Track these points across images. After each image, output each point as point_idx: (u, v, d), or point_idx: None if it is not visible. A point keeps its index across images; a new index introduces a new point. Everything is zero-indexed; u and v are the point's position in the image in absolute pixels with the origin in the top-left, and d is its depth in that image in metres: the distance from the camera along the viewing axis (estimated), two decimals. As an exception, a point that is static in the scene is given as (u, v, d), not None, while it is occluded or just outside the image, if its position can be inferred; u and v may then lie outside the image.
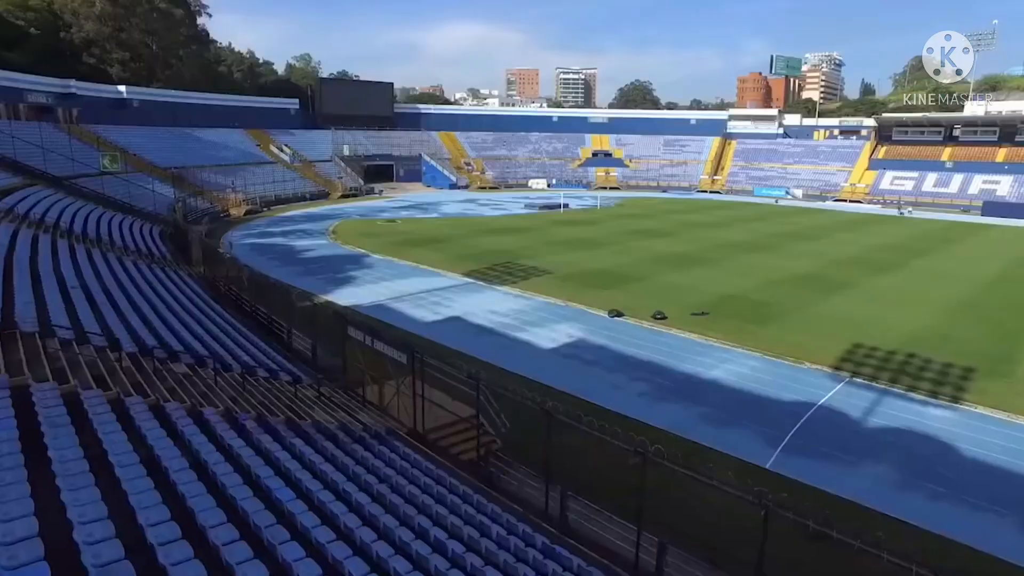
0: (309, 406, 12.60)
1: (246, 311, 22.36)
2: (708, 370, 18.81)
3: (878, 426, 15.30)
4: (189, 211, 47.81)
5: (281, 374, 14.26)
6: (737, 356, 20.10)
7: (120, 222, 35.06)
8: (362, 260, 35.01)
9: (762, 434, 14.73)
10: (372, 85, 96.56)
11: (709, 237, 43.97)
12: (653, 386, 17.55)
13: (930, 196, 72.02)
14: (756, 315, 24.53)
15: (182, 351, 13.14)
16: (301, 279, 30.09)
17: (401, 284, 29.17)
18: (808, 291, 28.65)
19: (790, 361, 19.59)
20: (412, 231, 45.29)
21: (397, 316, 23.94)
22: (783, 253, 38.44)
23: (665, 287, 28.82)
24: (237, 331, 17.83)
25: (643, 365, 19.09)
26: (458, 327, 22.73)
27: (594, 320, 23.69)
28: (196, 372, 12.19)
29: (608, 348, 20.56)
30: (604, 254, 36.79)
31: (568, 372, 18.52)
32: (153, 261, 26.59)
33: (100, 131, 57.75)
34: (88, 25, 65.77)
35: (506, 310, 24.84)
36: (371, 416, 13.31)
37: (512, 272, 31.42)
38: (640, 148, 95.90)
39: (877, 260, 36.74)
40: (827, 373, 18.74)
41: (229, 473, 7.66)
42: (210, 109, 76.26)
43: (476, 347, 20.49)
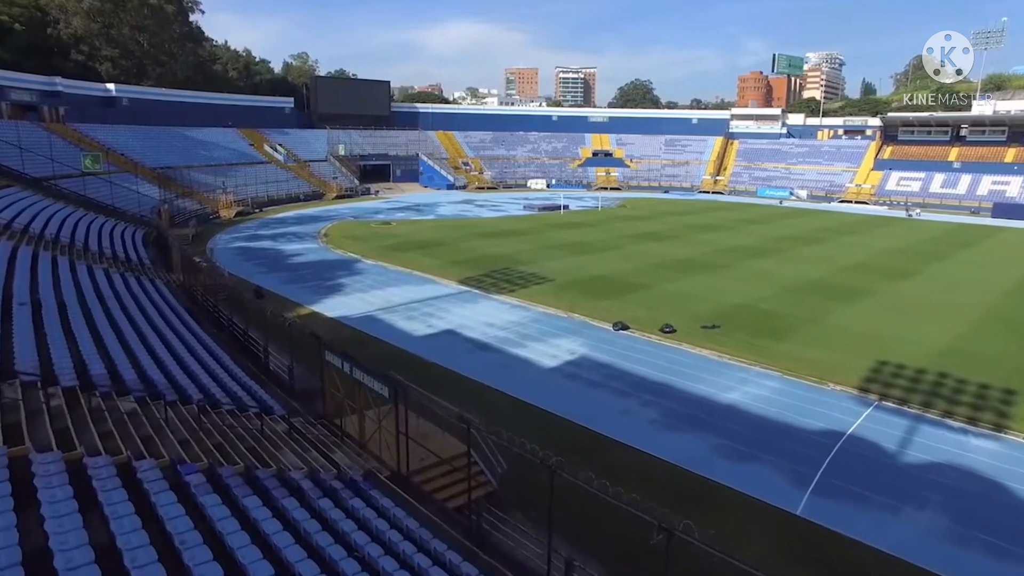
0: (277, 445, 11.02)
1: (223, 324, 20.76)
2: (723, 392, 17.24)
3: (917, 461, 13.74)
4: (176, 213, 46.21)
5: (250, 405, 12.67)
6: (753, 375, 18.53)
7: (101, 226, 33.44)
8: (353, 266, 33.40)
9: (788, 471, 13.16)
10: (368, 83, 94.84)
11: (714, 241, 42.41)
12: (664, 412, 15.97)
13: (938, 197, 70.51)
14: (770, 327, 22.97)
15: (134, 381, 11.55)
16: (287, 287, 28.51)
17: (393, 292, 27.58)
18: (822, 300, 27.09)
19: (811, 381, 18.03)
20: (407, 234, 43.70)
21: (387, 329, 22.35)
22: (792, 258, 36.88)
23: (671, 296, 27.25)
24: (208, 351, 16.22)
25: (653, 387, 17.52)
26: (452, 342, 21.14)
27: (598, 334, 22.11)
28: (146, 408, 10.60)
29: (614, 367, 18.98)
30: (606, 259, 35.21)
31: (571, 395, 16.94)
32: (128, 269, 24.96)
33: (86, 130, 56.16)
34: (76, 21, 64.01)
35: (503, 322, 23.26)
36: (349, 455, 11.74)
37: (510, 279, 29.83)
38: (641, 148, 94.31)
39: (891, 265, 35.19)
40: (853, 395, 17.17)
41: (152, 563, 6.07)
42: (203, 108, 74.60)
43: (471, 365, 18.91)
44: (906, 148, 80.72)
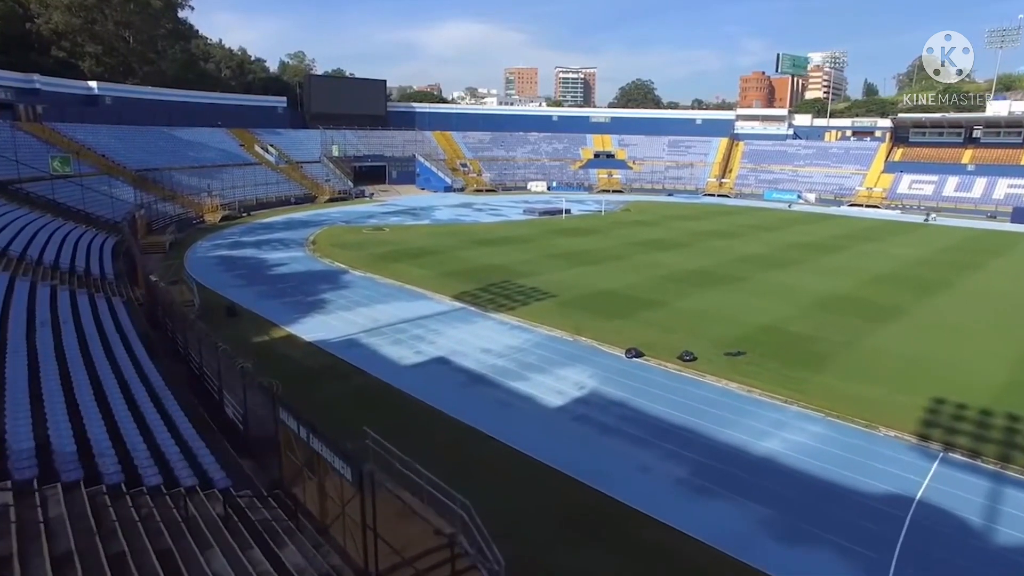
0: (205, 543, 8.45)
1: (180, 353, 18.16)
2: (759, 439, 14.69)
3: (1013, 541, 11.19)
4: (155, 218, 43.62)
5: (183, 477, 10.10)
6: (791, 417, 15.98)
7: (67, 234, 30.83)
8: (339, 278, 30.81)
9: (854, 557, 10.61)
10: (364, 82, 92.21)
11: (725, 249, 39.86)
12: (692, 468, 13.41)
13: (952, 201, 68.06)
14: (801, 354, 20.42)
15: (24, 454, 8.96)
16: (264, 303, 25.93)
17: (380, 310, 25.00)
18: (853, 318, 24.56)
19: (859, 425, 15.48)
20: (400, 241, 41.11)
21: (369, 357, 19.77)
22: (811, 269, 34.32)
23: (687, 315, 24.69)
24: (152, 393, 13.58)
25: (676, 432, 14.95)
26: (443, 373, 18.57)
27: (608, 362, 19.54)
28: (25, 499, 8.03)
29: (629, 405, 16.42)
30: (613, 271, 32.65)
31: (581, 445, 14.38)
32: (83, 285, 22.35)
33: (65, 130, 53.53)
34: (56, 16, 61.30)
35: (502, 348, 20.69)
36: (303, 547, 9.17)
37: (509, 294, 27.27)
38: (643, 149, 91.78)
39: (920, 277, 32.67)
40: (912, 445, 14.62)
41: None
42: (191, 107, 71.98)
43: (463, 404, 16.34)
44: (917, 150, 78.25)
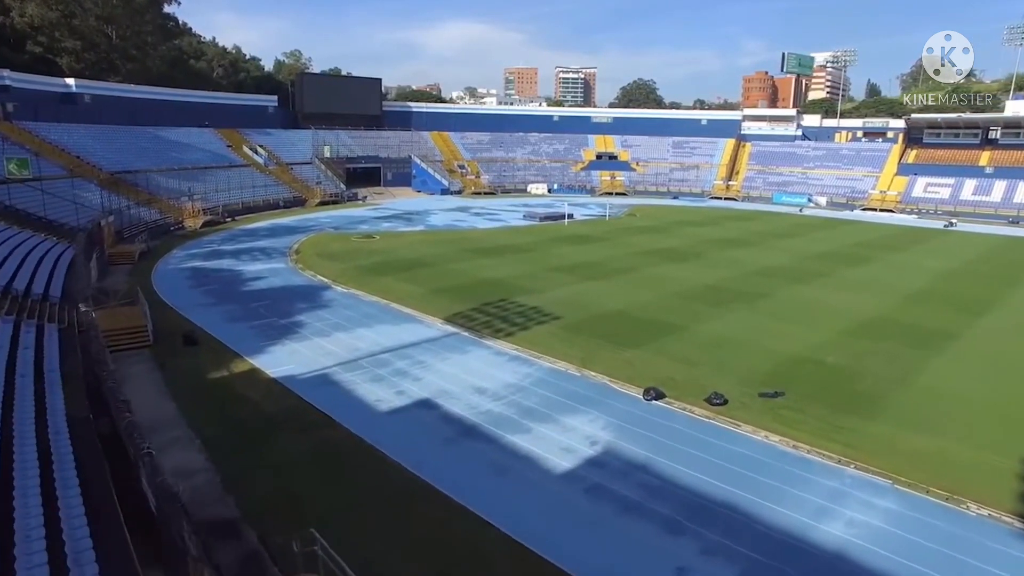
0: None
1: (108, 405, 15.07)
2: (818, 521, 11.71)
3: None
4: (127, 224, 40.64)
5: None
6: (851, 485, 12.99)
7: (17, 246, 27.86)
8: (320, 295, 27.83)
9: None
10: (358, 81, 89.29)
11: (741, 260, 36.88)
12: (741, 569, 10.43)
13: (970, 205, 65.18)
14: (846, 395, 17.46)
15: None
16: (231, 327, 22.93)
17: (361, 336, 22.00)
18: (897, 345, 21.60)
19: (939, 497, 12.50)
20: (390, 250, 38.12)
21: (342, 400, 16.78)
22: (838, 284, 31.35)
23: (709, 343, 21.71)
24: (42, 460, 10.59)
25: (715, 513, 11.96)
26: (427, 423, 15.56)
27: (624, 407, 16.55)
28: None
29: (653, 469, 13.43)
30: (621, 287, 29.68)
31: (598, 534, 11.37)
32: (15, 310, 19.32)
33: (36, 129, 50.48)
34: (31, 8, 58.20)
35: (499, 386, 17.70)
36: None
37: (507, 316, 24.28)
38: (647, 150, 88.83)
39: (960, 293, 29.72)
40: (1012, 529, 11.66)
41: None
42: (177, 106, 68.96)
43: (451, 469, 13.33)
44: (932, 152, 75.28)
